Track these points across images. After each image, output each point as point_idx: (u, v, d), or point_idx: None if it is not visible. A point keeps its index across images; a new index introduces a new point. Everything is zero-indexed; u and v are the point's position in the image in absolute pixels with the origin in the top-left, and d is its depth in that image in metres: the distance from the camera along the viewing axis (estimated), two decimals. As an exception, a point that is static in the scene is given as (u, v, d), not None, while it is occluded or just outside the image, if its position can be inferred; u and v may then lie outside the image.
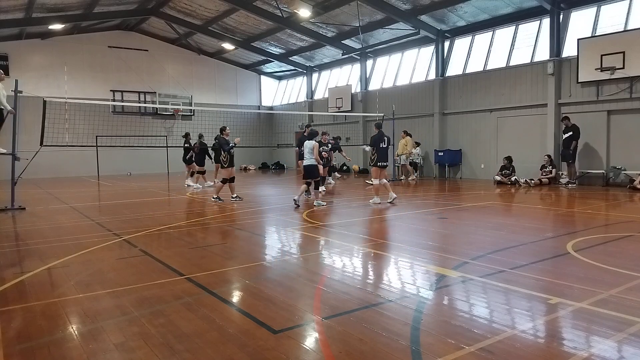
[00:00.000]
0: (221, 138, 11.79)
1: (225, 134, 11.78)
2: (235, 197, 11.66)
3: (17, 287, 4.64)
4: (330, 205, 10.62)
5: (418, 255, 5.84)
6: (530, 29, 16.51)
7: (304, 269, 5.36)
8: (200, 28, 23.09)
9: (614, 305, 3.84)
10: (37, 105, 13.36)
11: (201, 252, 6.15)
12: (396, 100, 19.64)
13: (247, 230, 7.88)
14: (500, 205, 10.80)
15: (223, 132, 11.84)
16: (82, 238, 7.14)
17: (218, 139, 11.92)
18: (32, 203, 11.71)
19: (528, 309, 3.85)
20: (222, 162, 11.97)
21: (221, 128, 11.93)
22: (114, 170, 23.51)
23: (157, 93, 25.24)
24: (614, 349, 3.06)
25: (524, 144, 16.31)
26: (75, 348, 3.21)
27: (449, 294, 4.32)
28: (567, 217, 8.86)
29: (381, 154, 10.75)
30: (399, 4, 17.26)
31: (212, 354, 3.08)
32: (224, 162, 11.75)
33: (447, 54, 19.15)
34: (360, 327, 3.48)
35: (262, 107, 30.01)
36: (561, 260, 5.43)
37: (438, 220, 8.65)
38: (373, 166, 10.89)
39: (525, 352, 3.02)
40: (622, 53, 13.39)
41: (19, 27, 20.72)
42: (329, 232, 7.48)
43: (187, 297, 4.22)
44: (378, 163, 10.75)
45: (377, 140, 10.76)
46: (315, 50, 23.87)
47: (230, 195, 11.74)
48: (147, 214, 9.78)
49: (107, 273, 5.14)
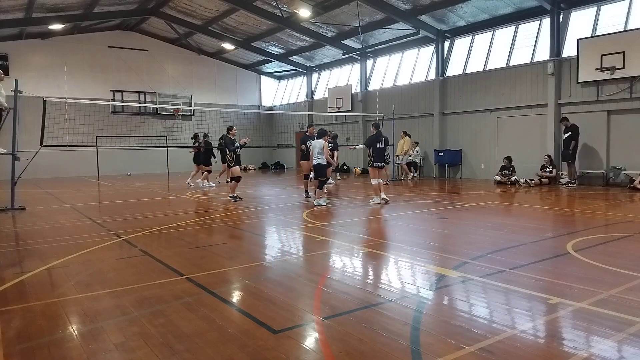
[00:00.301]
0: (227, 138, 11.89)
1: (231, 133, 11.82)
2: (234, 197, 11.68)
3: (17, 287, 4.64)
4: (330, 206, 10.62)
5: (418, 255, 5.84)
6: (530, 29, 16.51)
7: (304, 269, 5.36)
8: (200, 28, 23.10)
9: (614, 305, 3.84)
10: (37, 105, 13.37)
11: (201, 252, 6.15)
12: (396, 100, 19.64)
13: (247, 230, 7.88)
14: (500, 205, 10.80)
15: (229, 131, 11.88)
16: (82, 238, 7.14)
17: (224, 139, 11.93)
18: (32, 203, 11.71)
19: (528, 309, 3.85)
20: (228, 161, 12.04)
21: (228, 127, 11.99)
22: (114, 170, 23.52)
23: (157, 93, 25.25)
24: (614, 349, 3.06)
25: (524, 144, 16.31)
26: (75, 348, 3.21)
27: (449, 294, 4.32)
28: (567, 217, 8.86)
29: (378, 154, 10.79)
30: (399, 4, 17.26)
31: (212, 354, 3.08)
32: (230, 161, 11.83)
33: (447, 54, 19.15)
34: (360, 327, 3.48)
35: (262, 107, 30.02)
36: (561, 260, 5.43)
37: (438, 220, 8.65)
38: (370, 166, 11.02)
39: (525, 352, 3.02)
40: (622, 53, 13.40)
41: (19, 27, 20.72)
42: (329, 232, 7.48)
43: (187, 297, 4.22)
44: (375, 163, 10.83)
45: (374, 140, 10.82)
46: (315, 50, 23.87)
47: (229, 194, 11.79)
48: (147, 214, 9.78)
49: (107, 273, 5.14)
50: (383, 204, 10.51)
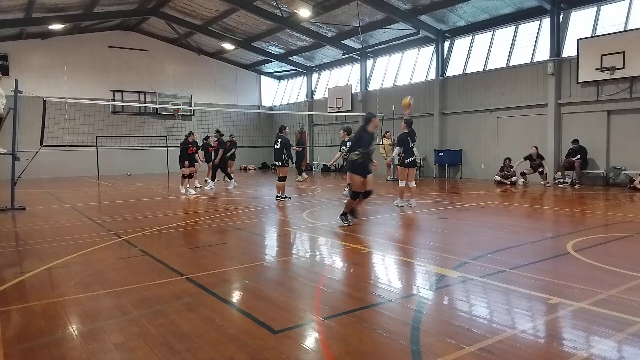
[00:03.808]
0: (285, 137, 11.68)
1: (284, 132, 11.79)
2: (282, 197, 11.56)
3: (17, 287, 4.64)
4: (330, 206, 10.61)
5: (418, 255, 5.84)
6: (530, 29, 16.51)
7: (304, 269, 5.36)
8: (200, 28, 23.10)
9: (614, 305, 3.84)
10: (37, 105, 13.37)
11: (201, 252, 6.15)
12: (396, 100, 19.58)
13: (247, 230, 7.88)
14: (500, 205, 10.80)
15: (283, 131, 11.83)
16: (82, 238, 7.14)
17: (281, 138, 11.68)
18: (32, 203, 11.71)
19: (528, 309, 3.85)
20: (283, 161, 11.62)
21: (282, 127, 11.97)
22: (114, 170, 23.52)
23: (157, 93, 25.25)
24: (614, 349, 3.06)
25: (524, 144, 16.29)
26: (75, 348, 3.21)
27: (449, 294, 4.32)
28: (567, 217, 8.86)
29: (409, 153, 9.94)
30: (399, 4, 17.26)
31: (212, 354, 3.08)
32: (286, 161, 11.60)
33: (447, 54, 19.15)
34: (360, 327, 3.48)
35: (262, 107, 30.02)
36: (561, 260, 5.43)
37: (438, 220, 8.65)
38: (400, 165, 10.10)
39: (525, 352, 3.02)
40: (622, 53, 13.40)
41: (19, 27, 20.72)
42: (329, 232, 7.48)
43: (187, 297, 4.22)
44: (405, 161, 9.89)
45: (406, 139, 9.89)
46: (315, 50, 23.86)
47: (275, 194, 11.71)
48: (147, 214, 9.77)
49: (107, 273, 5.14)
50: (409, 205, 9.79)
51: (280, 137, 11.67)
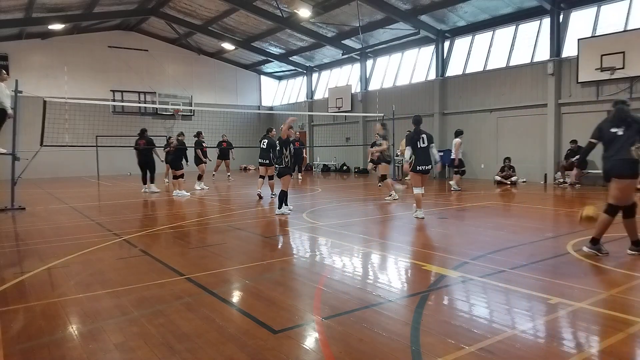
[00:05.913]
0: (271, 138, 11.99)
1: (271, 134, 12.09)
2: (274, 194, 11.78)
3: (17, 287, 4.64)
4: (330, 205, 10.61)
5: (418, 255, 5.85)
6: (530, 29, 16.51)
7: (304, 269, 5.36)
8: (200, 28, 23.09)
9: (614, 305, 3.84)
10: (37, 105, 13.36)
11: (201, 252, 6.15)
12: (396, 100, 19.63)
13: (247, 230, 7.88)
14: (500, 205, 10.79)
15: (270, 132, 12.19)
16: (82, 238, 7.14)
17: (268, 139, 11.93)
18: (32, 203, 11.71)
19: (528, 309, 3.85)
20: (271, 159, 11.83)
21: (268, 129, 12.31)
22: (114, 170, 23.50)
23: (157, 93, 25.24)
24: (614, 349, 3.06)
25: (524, 144, 16.31)
26: (75, 348, 3.21)
27: (449, 294, 4.32)
28: (567, 217, 8.86)
29: (420, 156, 8.68)
30: (399, 4, 17.26)
31: (212, 354, 3.08)
32: (272, 160, 11.78)
33: (447, 54, 19.15)
34: (360, 327, 3.48)
35: (262, 107, 30.01)
36: (561, 260, 5.43)
37: (438, 220, 8.65)
38: (412, 171, 8.76)
39: (525, 352, 3.02)
40: (622, 53, 13.39)
41: (19, 27, 20.72)
42: (329, 232, 7.48)
43: (187, 297, 4.22)
44: (417, 167, 8.66)
45: (414, 138, 8.81)
46: (315, 50, 23.86)
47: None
48: (147, 214, 9.77)
49: (107, 273, 5.14)
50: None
51: (266, 138, 12.14)
